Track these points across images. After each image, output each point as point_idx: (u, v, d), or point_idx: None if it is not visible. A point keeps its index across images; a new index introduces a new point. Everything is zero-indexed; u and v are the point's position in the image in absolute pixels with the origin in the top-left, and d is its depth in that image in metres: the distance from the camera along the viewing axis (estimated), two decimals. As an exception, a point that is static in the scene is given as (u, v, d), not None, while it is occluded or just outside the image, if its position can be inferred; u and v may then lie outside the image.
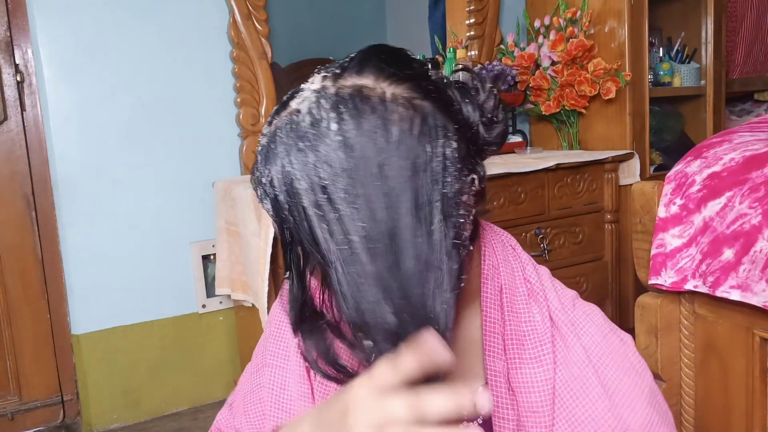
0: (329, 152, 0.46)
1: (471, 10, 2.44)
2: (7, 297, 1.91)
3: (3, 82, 1.86)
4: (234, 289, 1.92)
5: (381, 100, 0.48)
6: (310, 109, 0.48)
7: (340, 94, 0.48)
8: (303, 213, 0.47)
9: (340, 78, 0.50)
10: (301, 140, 0.48)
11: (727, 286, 0.99)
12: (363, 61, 0.51)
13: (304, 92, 0.50)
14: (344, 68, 0.50)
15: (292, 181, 0.47)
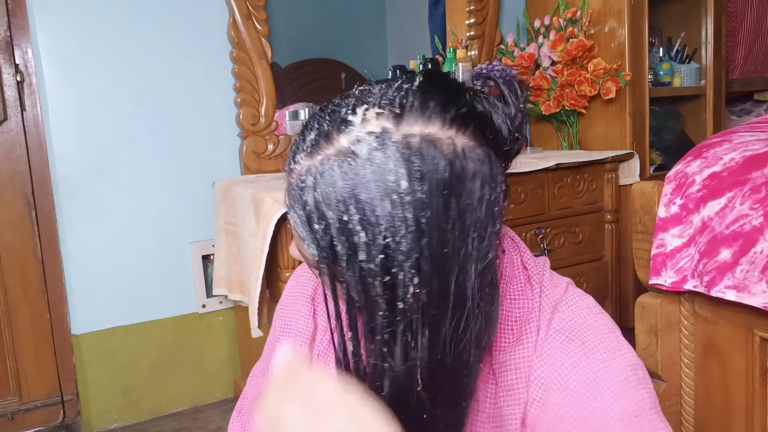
0: (395, 210, 0.45)
1: (471, 10, 2.44)
2: (7, 297, 1.91)
3: (3, 82, 1.86)
4: (231, 290, 1.92)
5: (454, 153, 0.46)
6: (371, 157, 0.46)
7: (409, 146, 0.46)
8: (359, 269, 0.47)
9: (403, 121, 0.47)
10: (360, 187, 0.46)
11: (722, 286, 0.99)
12: (424, 100, 0.47)
13: (356, 128, 0.47)
14: (403, 107, 0.47)
15: (351, 231, 0.46)
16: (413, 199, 0.45)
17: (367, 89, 0.50)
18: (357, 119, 0.47)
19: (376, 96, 0.48)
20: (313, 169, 0.48)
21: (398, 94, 0.48)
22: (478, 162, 0.47)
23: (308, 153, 0.49)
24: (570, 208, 2.06)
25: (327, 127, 0.48)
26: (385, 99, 0.48)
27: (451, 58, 2.32)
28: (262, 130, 2.08)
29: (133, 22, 1.93)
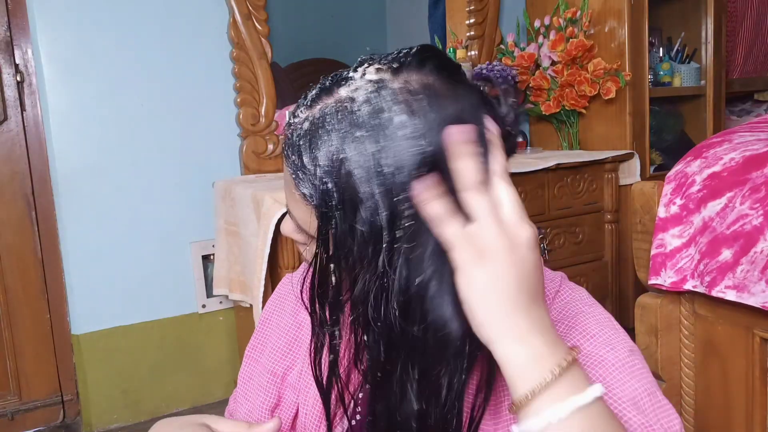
0: (393, 143, 0.47)
1: (471, 10, 2.44)
2: (7, 297, 1.91)
3: (3, 82, 1.86)
4: (232, 290, 1.92)
5: (455, 97, 0.49)
6: (368, 99, 0.48)
7: (408, 88, 0.48)
8: (358, 202, 0.47)
9: (401, 72, 0.49)
10: (358, 129, 0.47)
11: (722, 286, 0.99)
12: (423, 59, 0.50)
13: (356, 81, 0.50)
14: (402, 63, 0.50)
15: (349, 170, 0.47)
16: (412, 131, 0.47)
17: (368, 56, 0.53)
18: (357, 74, 0.50)
19: (375, 58, 0.51)
20: (311, 116, 0.50)
21: (397, 55, 0.51)
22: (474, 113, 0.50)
23: (308, 106, 0.51)
24: (570, 208, 2.06)
25: (328, 83, 0.51)
26: (383, 59, 0.51)
27: (451, 58, 2.32)
28: (262, 130, 2.08)
29: (133, 22, 1.93)
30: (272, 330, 0.73)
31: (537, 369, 0.45)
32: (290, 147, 0.51)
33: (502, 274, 0.45)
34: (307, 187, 0.50)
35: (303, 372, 0.67)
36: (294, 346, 0.70)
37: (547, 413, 0.44)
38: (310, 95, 0.52)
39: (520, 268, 0.45)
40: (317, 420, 0.65)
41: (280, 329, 0.72)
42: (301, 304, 0.71)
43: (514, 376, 0.46)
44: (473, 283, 0.45)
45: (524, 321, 0.46)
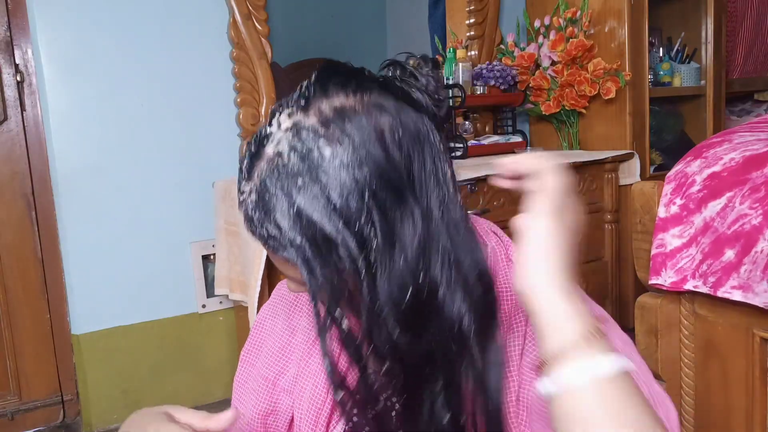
0: (333, 176, 0.48)
1: (471, 10, 2.44)
2: (7, 297, 1.91)
3: (3, 82, 1.86)
4: (232, 290, 1.92)
5: (366, 111, 0.50)
6: (293, 147, 0.49)
7: (322, 120, 0.50)
8: (330, 243, 0.49)
9: (310, 106, 0.51)
10: (297, 178, 0.49)
11: (728, 286, 0.99)
12: (324, 84, 0.51)
13: (275, 134, 0.51)
14: (308, 98, 0.51)
15: (309, 218, 0.48)
16: (341, 159, 0.48)
17: (276, 105, 0.54)
18: (274, 128, 0.51)
19: (284, 103, 0.52)
20: (253, 187, 0.52)
21: (300, 92, 0.52)
22: (390, 114, 0.50)
23: (247, 178, 0.53)
24: (570, 208, 2.06)
25: (254, 148, 0.52)
26: (291, 101, 0.52)
27: (451, 58, 2.32)
28: (262, 130, 2.08)
29: (133, 22, 1.93)
30: (266, 335, 0.73)
31: (577, 324, 0.47)
32: (249, 222, 0.53)
33: (566, 232, 0.50)
34: (283, 250, 0.51)
35: (297, 376, 0.67)
36: (287, 350, 0.70)
37: (590, 365, 0.46)
38: (244, 167, 0.53)
39: (575, 232, 0.51)
40: (312, 423, 0.65)
41: (275, 334, 0.72)
42: (294, 309, 0.72)
43: (553, 329, 0.48)
44: (545, 232, 0.49)
45: (570, 279, 0.50)
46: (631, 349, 0.60)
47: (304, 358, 0.68)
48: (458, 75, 2.27)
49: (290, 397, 0.67)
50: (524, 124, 2.60)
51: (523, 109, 2.49)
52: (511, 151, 2.33)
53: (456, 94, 2.22)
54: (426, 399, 0.53)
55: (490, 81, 2.30)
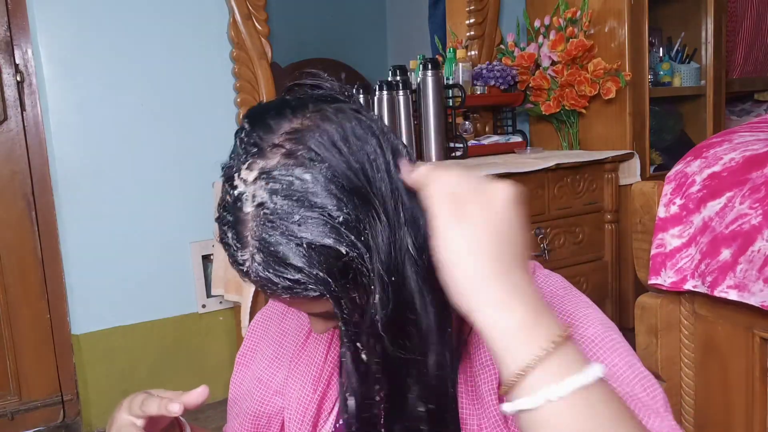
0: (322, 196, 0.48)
1: (471, 10, 2.44)
2: (7, 297, 1.91)
3: (3, 82, 1.86)
4: (227, 291, 1.92)
5: (311, 126, 0.49)
6: (272, 191, 0.48)
7: (283, 151, 0.49)
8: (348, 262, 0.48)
9: (264, 149, 0.49)
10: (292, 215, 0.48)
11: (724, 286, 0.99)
12: (261, 125, 0.51)
13: (246, 191, 0.49)
14: (256, 144, 0.50)
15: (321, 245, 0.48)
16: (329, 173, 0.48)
17: (224, 171, 0.52)
18: (240, 188, 0.49)
19: (234, 164, 0.51)
20: (252, 251, 0.49)
21: (245, 143, 0.50)
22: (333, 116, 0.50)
23: (240, 247, 0.50)
24: (570, 208, 2.06)
25: (230, 218, 0.50)
26: (241, 156, 0.50)
27: (451, 58, 2.32)
28: (262, 130, 2.08)
29: (133, 22, 1.93)
30: (260, 338, 0.75)
31: (526, 341, 0.42)
32: (266, 284, 0.50)
33: (478, 233, 0.43)
34: (312, 291, 0.49)
35: (288, 378, 0.68)
36: (279, 354, 0.71)
37: (544, 391, 0.41)
38: (230, 239, 0.50)
39: (498, 227, 0.44)
40: (299, 423, 0.65)
41: (268, 337, 0.73)
42: (285, 313, 0.73)
43: (502, 349, 0.43)
44: (450, 244, 0.44)
45: (504, 286, 0.43)
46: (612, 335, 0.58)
47: (293, 359, 0.68)
48: (458, 75, 2.27)
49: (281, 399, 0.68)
50: (524, 124, 2.60)
51: (523, 109, 2.49)
52: (511, 150, 2.33)
53: (456, 94, 2.22)
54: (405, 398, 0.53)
55: (490, 81, 2.30)
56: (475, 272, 0.43)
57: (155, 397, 0.57)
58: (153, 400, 0.57)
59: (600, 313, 0.61)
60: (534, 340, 0.42)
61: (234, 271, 0.53)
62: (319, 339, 0.68)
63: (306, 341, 0.69)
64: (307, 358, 0.67)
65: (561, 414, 0.41)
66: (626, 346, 0.58)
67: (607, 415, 0.42)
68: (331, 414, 0.66)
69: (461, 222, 0.44)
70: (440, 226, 0.45)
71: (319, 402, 0.65)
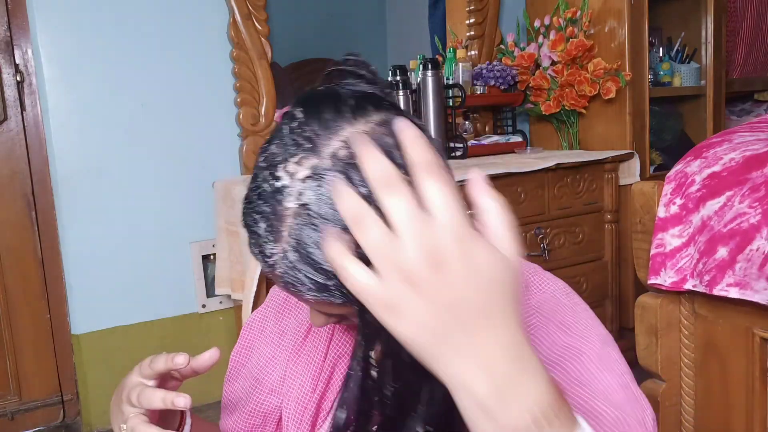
0: None
1: (471, 9, 2.44)
2: (7, 297, 1.91)
3: (3, 82, 1.86)
4: (234, 290, 1.92)
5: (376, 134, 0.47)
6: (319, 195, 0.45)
7: (340, 158, 0.46)
8: None
9: (319, 148, 0.46)
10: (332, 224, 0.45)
11: (724, 284, 0.99)
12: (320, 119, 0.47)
13: (292, 186, 0.46)
14: (310, 139, 0.47)
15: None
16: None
17: (265, 157, 0.49)
18: (285, 180, 0.46)
19: (280, 153, 0.47)
20: (287, 247, 0.47)
21: (296, 134, 0.47)
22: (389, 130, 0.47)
23: (273, 240, 0.47)
24: (570, 208, 2.06)
25: (268, 209, 0.47)
26: (290, 148, 0.47)
27: (451, 58, 2.32)
28: (262, 130, 2.08)
29: (133, 22, 1.93)
30: (256, 336, 0.74)
31: (498, 413, 0.37)
32: (294, 283, 0.48)
33: (416, 320, 0.37)
34: (337, 297, 0.47)
35: (284, 377, 0.68)
36: (276, 352, 0.71)
37: None
38: (262, 230, 0.47)
39: (433, 301, 0.36)
40: (298, 422, 0.65)
41: (264, 336, 0.73)
42: (283, 312, 0.73)
43: (474, 427, 0.38)
44: (401, 339, 0.38)
45: (468, 360, 0.37)
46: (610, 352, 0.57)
47: (291, 358, 0.68)
48: (458, 75, 2.27)
49: (278, 398, 0.67)
50: (524, 124, 2.60)
51: (523, 109, 2.49)
52: (511, 150, 2.33)
53: (456, 94, 2.22)
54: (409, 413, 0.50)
55: (490, 81, 2.30)
56: (431, 357, 0.38)
57: (162, 354, 0.58)
58: (160, 356, 0.58)
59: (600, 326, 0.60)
60: (502, 418, 0.37)
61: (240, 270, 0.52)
62: (319, 337, 0.67)
63: (305, 339, 0.68)
64: (306, 356, 0.67)
65: None
66: (622, 366, 0.57)
67: None
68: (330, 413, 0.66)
69: (395, 315, 0.37)
70: (383, 323, 0.39)
71: (318, 400, 0.65)
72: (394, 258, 0.36)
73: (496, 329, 0.38)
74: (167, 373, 0.59)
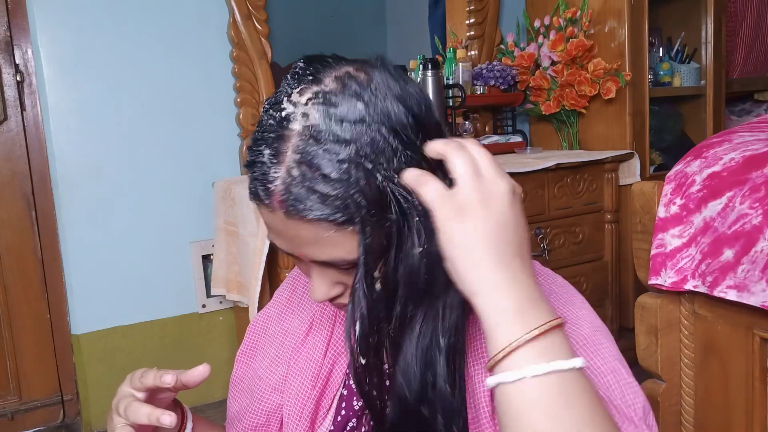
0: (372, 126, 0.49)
1: (471, 10, 2.44)
2: (7, 297, 1.91)
3: (3, 82, 1.86)
4: (229, 290, 1.92)
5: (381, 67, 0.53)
6: (324, 113, 0.49)
7: (342, 82, 0.50)
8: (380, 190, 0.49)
9: (321, 76, 0.51)
10: (339, 138, 0.48)
11: (724, 286, 0.99)
12: (322, 59, 0.54)
13: (297, 111, 0.50)
14: (314, 71, 0.52)
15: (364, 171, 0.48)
16: (378, 112, 0.49)
17: (269, 100, 0.53)
18: (290, 108, 0.50)
19: (283, 91, 0.52)
20: (292, 165, 0.49)
21: (300, 71, 0.52)
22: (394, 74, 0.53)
23: (274, 164, 0.49)
24: (570, 208, 2.06)
25: (274, 134, 0.50)
26: (294, 81, 0.51)
27: (451, 58, 2.32)
28: (262, 130, 2.08)
29: (133, 22, 1.93)
30: (260, 336, 0.75)
31: (518, 322, 0.46)
32: (295, 201, 0.49)
33: (478, 227, 0.46)
34: (338, 212, 0.49)
35: (286, 375, 0.68)
36: (280, 351, 0.71)
37: (524, 369, 0.44)
38: (266, 156, 0.50)
39: (497, 221, 0.47)
40: (297, 419, 0.66)
41: (268, 335, 0.74)
42: (285, 312, 0.74)
43: (494, 329, 0.46)
44: (452, 238, 0.47)
45: (504, 273, 0.46)
46: (600, 338, 0.58)
47: (293, 356, 0.69)
48: (458, 75, 2.27)
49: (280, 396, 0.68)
50: (524, 124, 2.60)
51: (523, 109, 2.49)
52: (511, 150, 2.33)
53: (456, 94, 2.22)
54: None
55: (490, 81, 2.30)
56: (477, 263, 0.46)
57: (153, 369, 0.59)
58: (150, 372, 0.59)
59: (593, 315, 0.61)
60: (525, 322, 0.46)
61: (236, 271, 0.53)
62: (319, 335, 0.68)
63: (306, 338, 0.69)
64: (307, 354, 0.67)
65: (534, 393, 0.44)
66: (613, 351, 0.58)
67: (580, 405, 0.45)
68: (329, 410, 0.66)
69: (461, 218, 0.47)
70: (441, 223, 0.47)
71: (318, 398, 0.65)
72: (477, 180, 0.47)
73: (526, 261, 0.48)
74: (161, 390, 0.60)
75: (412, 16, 3.28)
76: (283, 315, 0.74)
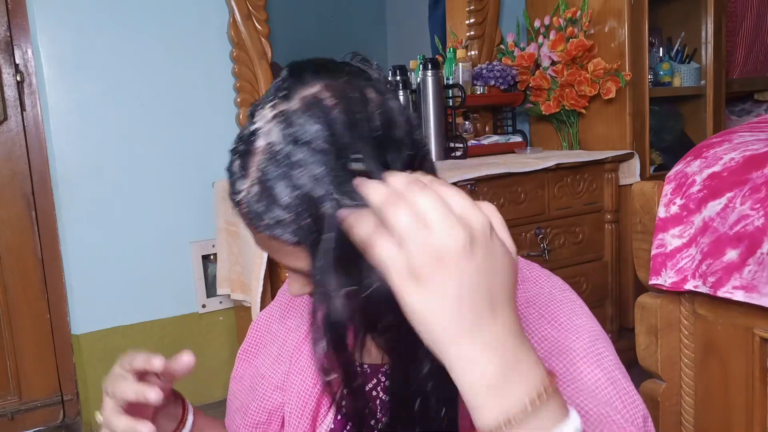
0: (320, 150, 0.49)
1: (471, 10, 2.44)
2: (7, 297, 1.91)
3: (3, 82, 1.86)
4: (233, 290, 1.92)
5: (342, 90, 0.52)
6: (283, 133, 0.50)
7: (306, 104, 0.51)
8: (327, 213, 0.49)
9: (292, 96, 0.52)
10: (294, 160, 0.49)
11: (729, 286, 0.99)
12: (299, 76, 0.54)
13: (263, 127, 0.51)
14: (287, 89, 0.52)
15: (313, 196, 0.48)
16: (336, 136, 0.49)
17: (253, 105, 0.55)
18: (259, 123, 0.52)
19: (261, 103, 0.53)
20: (254, 180, 0.51)
21: (276, 87, 0.53)
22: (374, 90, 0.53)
23: (242, 176, 0.52)
24: (570, 208, 2.06)
25: (242, 147, 0.52)
26: (269, 97, 0.53)
27: (451, 58, 2.32)
28: (262, 130, 2.08)
29: (133, 22, 1.93)
30: (262, 335, 0.75)
31: (497, 401, 0.40)
32: (253, 217, 0.51)
33: (437, 293, 0.39)
34: (289, 233, 0.50)
35: (288, 373, 0.69)
36: (282, 350, 0.71)
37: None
38: (236, 167, 0.52)
39: (459, 280, 0.39)
40: (299, 416, 0.66)
41: (270, 334, 0.74)
42: (287, 311, 0.74)
43: (472, 407, 0.41)
44: (412, 310, 0.40)
45: (474, 344, 0.40)
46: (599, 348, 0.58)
47: (294, 355, 0.69)
48: (458, 75, 2.27)
49: (282, 394, 0.68)
50: (524, 124, 2.60)
51: (523, 109, 2.49)
52: (511, 150, 2.33)
53: (456, 94, 2.22)
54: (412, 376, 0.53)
55: (490, 81, 2.30)
56: (441, 338, 0.40)
57: (142, 353, 0.61)
58: (140, 355, 0.60)
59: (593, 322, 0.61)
60: (505, 399, 0.40)
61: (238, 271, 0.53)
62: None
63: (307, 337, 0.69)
64: (308, 352, 0.68)
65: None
66: (612, 360, 0.58)
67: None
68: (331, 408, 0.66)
69: (417, 286, 0.39)
70: (398, 292, 0.40)
71: (319, 395, 0.66)
72: (424, 236, 0.39)
73: (504, 315, 0.41)
74: (151, 377, 0.60)
75: (412, 16, 3.28)
76: (285, 314, 0.74)
